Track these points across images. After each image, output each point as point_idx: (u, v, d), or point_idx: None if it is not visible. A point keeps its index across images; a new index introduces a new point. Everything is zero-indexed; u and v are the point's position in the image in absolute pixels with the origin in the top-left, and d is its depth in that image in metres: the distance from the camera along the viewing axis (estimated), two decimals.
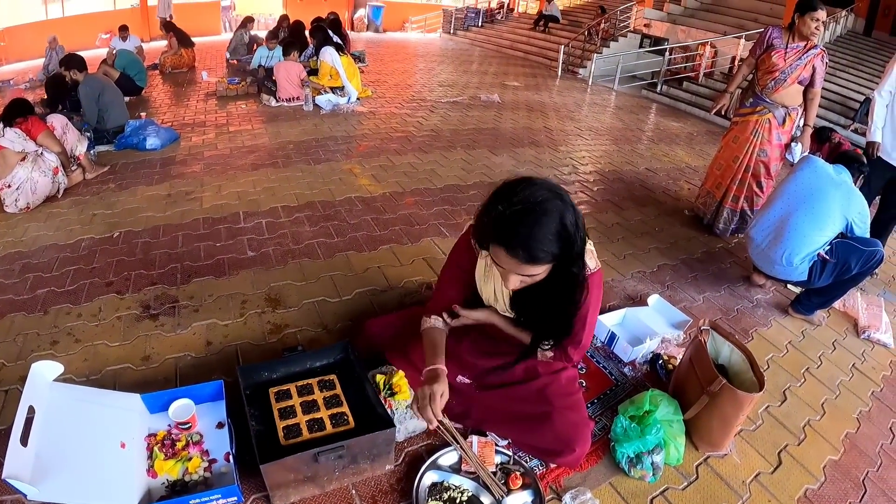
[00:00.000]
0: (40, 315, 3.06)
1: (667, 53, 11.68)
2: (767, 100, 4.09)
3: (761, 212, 3.44)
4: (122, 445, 1.96)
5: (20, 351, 2.76)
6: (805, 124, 4.16)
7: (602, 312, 3.05)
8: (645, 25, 15.05)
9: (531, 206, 1.60)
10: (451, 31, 19.37)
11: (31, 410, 1.79)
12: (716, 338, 2.45)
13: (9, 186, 4.34)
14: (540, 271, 1.70)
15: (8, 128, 4.44)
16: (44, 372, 1.92)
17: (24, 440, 1.68)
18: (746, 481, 2.22)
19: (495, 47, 16.47)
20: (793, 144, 4.21)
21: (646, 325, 3.00)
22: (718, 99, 4.63)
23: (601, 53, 13.04)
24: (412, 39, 18.68)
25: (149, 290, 3.28)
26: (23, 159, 4.39)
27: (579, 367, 2.71)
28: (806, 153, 4.09)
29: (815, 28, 3.83)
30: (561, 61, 12.71)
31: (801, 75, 3.94)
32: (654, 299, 3.29)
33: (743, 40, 11.18)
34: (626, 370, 2.79)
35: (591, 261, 1.95)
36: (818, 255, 3.11)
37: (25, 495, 1.57)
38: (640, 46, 13.79)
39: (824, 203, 3.09)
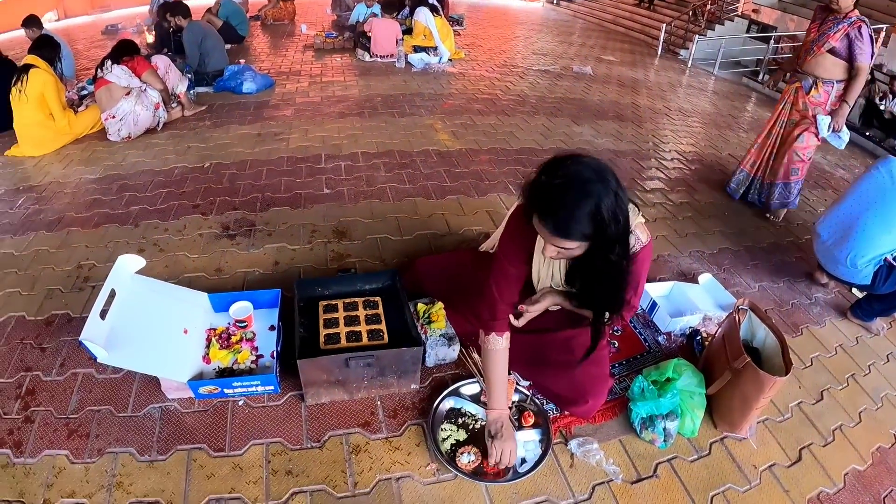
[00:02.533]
0: (131, 227, 3.41)
1: (772, 42, 11.18)
2: (800, 70, 3.99)
3: (830, 208, 3.22)
4: (185, 332, 2.20)
5: (110, 255, 3.11)
6: (843, 100, 3.93)
7: (649, 281, 3.04)
8: (753, 11, 14.37)
9: (571, 182, 1.61)
10: (555, 2, 18.98)
11: (113, 293, 2.04)
12: (753, 319, 2.39)
13: (113, 117, 4.75)
14: (572, 247, 1.69)
15: (115, 65, 4.81)
16: (128, 263, 2.18)
17: (102, 315, 1.92)
18: (759, 468, 2.16)
19: (597, 21, 16.11)
20: (819, 117, 3.99)
21: (691, 302, 2.96)
22: (777, 74, 4.60)
23: (705, 36, 12.54)
24: (514, 7, 18.41)
25: (230, 214, 3.57)
26: (127, 94, 4.77)
27: (615, 329, 2.75)
28: (839, 130, 3.99)
29: None
30: (662, 40, 12.34)
31: (829, 44, 3.77)
32: (705, 278, 3.22)
33: None
34: (660, 339, 2.78)
35: (643, 234, 1.95)
36: (885, 259, 2.93)
37: (96, 357, 1.82)
38: (747, 32, 13.23)
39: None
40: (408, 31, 8.30)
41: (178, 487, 1.86)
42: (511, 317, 2.09)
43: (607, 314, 2.04)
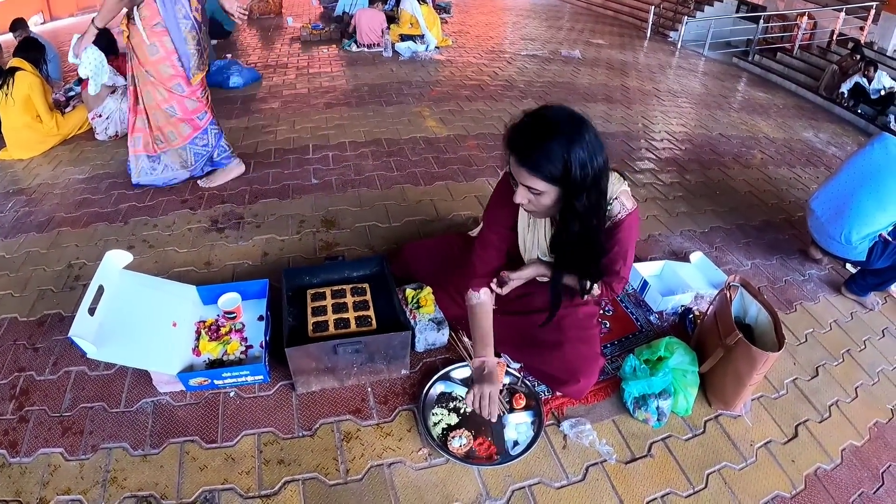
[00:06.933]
0: (121, 225, 3.41)
1: (762, 21, 11.11)
2: None
3: (824, 183, 3.22)
4: (174, 325, 2.20)
5: (100, 253, 3.02)
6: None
7: (640, 260, 3.06)
8: None
9: (547, 122, 1.69)
10: None
11: (101, 289, 2.04)
12: (744, 296, 2.38)
13: (100, 116, 4.74)
14: (540, 187, 1.73)
15: None
16: (116, 259, 2.18)
17: (91, 311, 1.93)
18: (755, 445, 2.16)
19: (586, 4, 16.02)
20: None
21: (683, 281, 2.93)
22: None
23: (694, 17, 12.48)
24: None
25: (218, 208, 3.57)
26: (112, 92, 4.74)
27: (606, 309, 2.75)
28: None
29: None
30: (651, 22, 12.29)
31: None
32: (697, 256, 3.21)
33: (843, 14, 10.50)
34: (652, 318, 2.76)
35: (629, 201, 1.97)
36: (880, 235, 2.93)
37: (85, 353, 1.83)
38: (736, 12, 13.18)
39: (891, 183, 2.90)
40: (393, 19, 8.27)
41: (172, 480, 1.87)
42: (494, 285, 2.19)
43: (590, 282, 2.09)
